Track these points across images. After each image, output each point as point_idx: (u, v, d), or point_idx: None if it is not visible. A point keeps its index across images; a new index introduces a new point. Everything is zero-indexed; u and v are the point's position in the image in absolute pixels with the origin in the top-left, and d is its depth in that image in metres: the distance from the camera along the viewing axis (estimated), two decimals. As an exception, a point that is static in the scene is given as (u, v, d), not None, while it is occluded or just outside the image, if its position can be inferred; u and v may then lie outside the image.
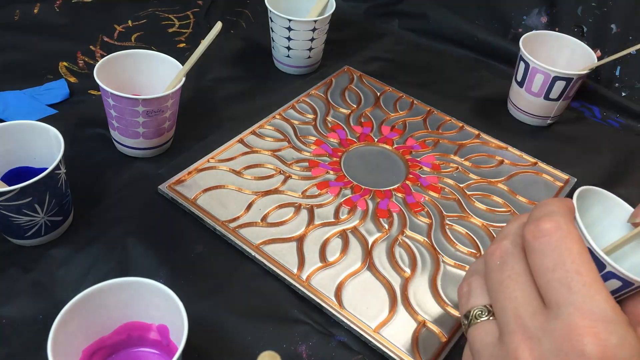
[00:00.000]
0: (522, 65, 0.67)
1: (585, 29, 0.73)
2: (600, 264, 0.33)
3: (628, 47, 0.64)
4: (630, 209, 0.37)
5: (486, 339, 0.32)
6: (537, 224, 0.31)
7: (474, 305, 0.34)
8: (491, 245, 0.35)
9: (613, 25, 0.72)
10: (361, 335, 0.46)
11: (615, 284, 0.33)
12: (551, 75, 0.65)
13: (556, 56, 0.70)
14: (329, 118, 0.66)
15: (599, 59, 0.72)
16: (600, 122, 0.74)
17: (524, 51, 0.66)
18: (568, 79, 0.65)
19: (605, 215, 0.38)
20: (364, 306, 0.48)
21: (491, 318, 0.33)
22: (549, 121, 0.70)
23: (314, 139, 0.63)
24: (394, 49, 0.81)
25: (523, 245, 0.33)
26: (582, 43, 0.68)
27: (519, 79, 0.68)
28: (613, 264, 0.32)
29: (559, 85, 0.65)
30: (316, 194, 0.57)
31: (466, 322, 0.34)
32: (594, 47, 0.69)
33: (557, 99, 0.67)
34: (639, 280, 0.33)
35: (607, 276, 0.33)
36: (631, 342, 0.28)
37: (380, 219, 0.55)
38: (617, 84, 0.75)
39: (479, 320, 0.33)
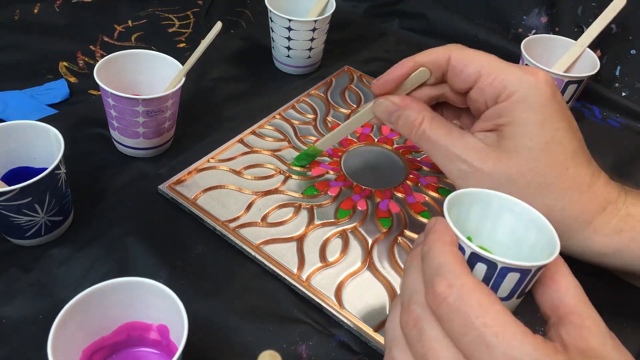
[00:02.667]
0: (520, 63, 0.68)
1: (585, 29, 0.73)
2: (487, 261, 0.33)
3: (628, 47, 0.64)
4: (504, 195, 0.37)
5: None
6: (432, 289, 0.31)
7: None
8: (402, 314, 0.34)
9: (613, 25, 0.72)
10: (361, 335, 0.46)
11: (514, 276, 0.33)
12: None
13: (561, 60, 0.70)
14: (329, 118, 0.66)
15: (599, 59, 0.72)
16: (600, 122, 0.74)
17: (522, 50, 0.66)
18: (558, 81, 0.65)
19: (486, 209, 0.37)
20: (364, 306, 0.48)
21: None
22: None
23: (314, 138, 0.63)
24: (394, 49, 0.81)
25: (427, 304, 0.32)
26: (588, 50, 0.68)
27: None
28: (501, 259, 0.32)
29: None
30: (316, 194, 0.57)
31: None
32: (594, 47, 0.69)
33: None
34: (525, 265, 0.32)
35: (503, 272, 0.33)
36: None
37: (380, 219, 0.55)
38: (617, 84, 0.75)
39: None
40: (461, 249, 0.33)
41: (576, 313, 0.31)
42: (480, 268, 0.33)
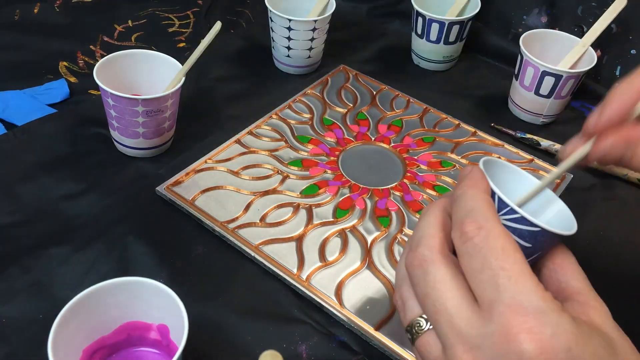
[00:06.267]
0: (519, 59, 0.69)
1: (585, 29, 0.73)
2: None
3: (628, 47, 0.64)
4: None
5: (433, 353, 0.32)
6: (461, 227, 0.32)
7: (412, 317, 0.33)
8: (408, 253, 0.34)
9: (613, 25, 0.72)
10: (361, 334, 0.46)
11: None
12: (540, 69, 0.65)
13: (561, 56, 0.70)
14: (326, 117, 0.66)
15: (599, 58, 0.72)
16: (600, 122, 0.74)
17: (521, 45, 0.67)
18: (557, 76, 0.65)
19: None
20: (364, 305, 0.48)
21: (431, 327, 0.32)
22: (541, 119, 0.70)
23: (311, 137, 0.63)
24: (394, 49, 0.81)
25: (444, 250, 0.32)
26: (590, 49, 0.69)
27: (515, 71, 0.70)
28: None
29: (549, 81, 0.66)
30: (314, 193, 0.57)
31: (409, 336, 0.33)
32: (594, 47, 0.69)
33: (548, 96, 0.67)
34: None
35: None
36: (567, 328, 0.28)
37: (379, 218, 0.55)
38: (617, 84, 0.75)
39: (420, 333, 0.32)
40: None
41: (581, 294, 0.32)
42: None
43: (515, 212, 0.33)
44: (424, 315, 0.32)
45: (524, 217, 0.32)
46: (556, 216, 0.37)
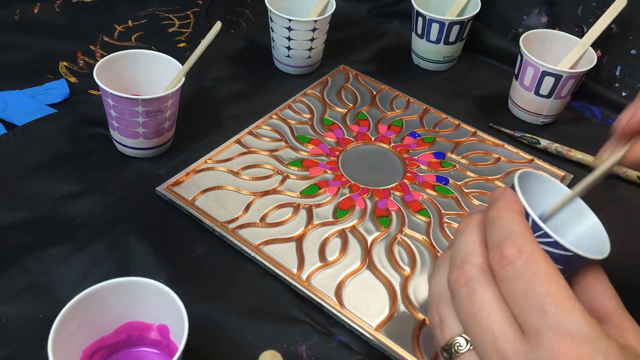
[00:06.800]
0: (519, 59, 0.69)
1: (585, 29, 0.73)
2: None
3: (628, 47, 0.64)
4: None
5: None
6: (500, 251, 0.31)
7: (451, 336, 0.32)
8: (452, 271, 0.33)
9: (613, 25, 0.72)
10: (362, 334, 0.46)
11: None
12: (540, 69, 0.65)
13: (561, 56, 0.70)
14: (326, 117, 0.66)
15: (599, 59, 0.72)
16: (601, 122, 0.74)
17: (521, 45, 0.67)
18: (557, 76, 0.65)
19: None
20: (364, 305, 0.48)
21: (472, 348, 0.31)
22: (541, 119, 0.70)
23: (311, 138, 0.63)
24: (394, 49, 0.81)
25: (489, 269, 0.32)
26: (590, 49, 0.69)
27: (515, 71, 0.70)
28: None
29: (549, 81, 0.66)
30: (314, 193, 0.57)
31: (446, 355, 0.33)
32: (594, 47, 0.69)
33: (548, 96, 0.67)
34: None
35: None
36: (616, 355, 0.27)
37: (379, 218, 0.55)
38: (617, 84, 0.75)
39: (460, 353, 0.32)
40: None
41: (616, 315, 0.32)
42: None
43: (549, 235, 0.32)
44: (464, 335, 0.32)
45: (558, 241, 0.32)
46: (589, 232, 0.36)
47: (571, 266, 0.33)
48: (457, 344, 0.32)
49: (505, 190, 0.34)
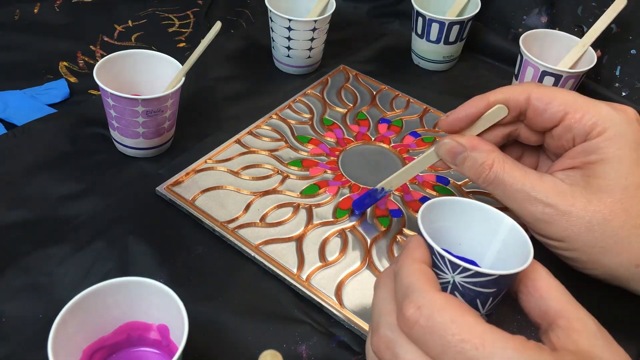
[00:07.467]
0: (518, 59, 0.69)
1: (585, 29, 0.73)
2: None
3: (628, 47, 0.64)
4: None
5: None
6: (402, 314, 0.31)
7: None
8: (372, 337, 0.33)
9: (613, 25, 0.72)
10: (362, 334, 0.46)
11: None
12: (540, 69, 0.65)
13: (561, 56, 0.70)
14: (326, 117, 0.66)
15: (600, 59, 0.72)
16: (600, 122, 0.74)
17: (521, 45, 0.67)
18: (557, 76, 0.65)
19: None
20: (364, 305, 0.48)
21: None
22: None
23: (311, 137, 0.63)
24: (394, 49, 0.81)
25: (399, 328, 0.31)
26: (590, 49, 0.69)
27: (515, 71, 0.70)
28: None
29: (548, 81, 0.66)
30: (314, 193, 0.57)
31: None
32: (594, 47, 0.69)
33: None
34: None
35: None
36: None
37: (379, 218, 0.55)
38: (617, 84, 0.75)
39: None
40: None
41: (563, 316, 0.31)
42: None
43: (468, 269, 0.32)
44: None
45: (479, 271, 0.32)
46: (510, 234, 0.36)
47: (502, 285, 0.33)
48: None
49: (409, 238, 0.34)
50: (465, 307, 0.30)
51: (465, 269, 0.32)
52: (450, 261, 0.33)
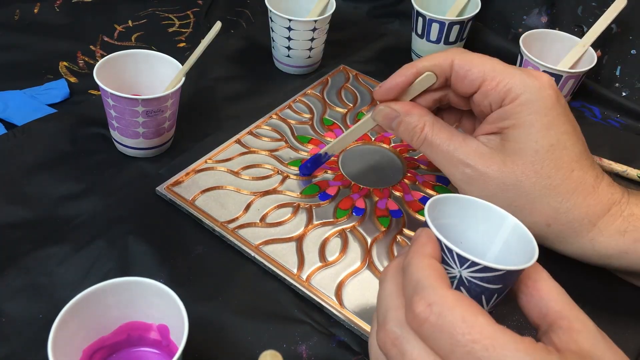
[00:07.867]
0: (519, 59, 0.69)
1: (585, 29, 0.73)
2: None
3: (628, 47, 0.64)
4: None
5: None
6: (412, 310, 0.30)
7: None
8: (378, 332, 0.33)
9: (613, 25, 0.72)
10: (362, 334, 0.46)
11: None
12: (540, 69, 0.66)
13: (561, 56, 0.70)
14: (326, 117, 0.66)
15: (600, 59, 0.72)
16: (600, 122, 0.74)
17: (521, 45, 0.67)
18: (557, 76, 0.65)
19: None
20: (364, 305, 0.48)
21: None
22: None
23: (311, 138, 0.63)
24: (394, 49, 0.81)
25: (407, 324, 0.31)
26: (590, 49, 0.69)
27: None
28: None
29: None
30: (314, 193, 0.57)
31: None
32: (594, 47, 0.69)
33: None
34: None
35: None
36: None
37: (379, 218, 0.55)
38: (617, 84, 0.75)
39: None
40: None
41: (564, 317, 0.31)
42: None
43: (476, 263, 0.32)
44: None
45: (487, 266, 0.32)
46: (513, 233, 0.36)
47: (508, 281, 0.33)
48: None
49: (418, 232, 0.34)
50: (476, 307, 0.29)
51: (474, 263, 0.32)
52: (458, 255, 0.32)
